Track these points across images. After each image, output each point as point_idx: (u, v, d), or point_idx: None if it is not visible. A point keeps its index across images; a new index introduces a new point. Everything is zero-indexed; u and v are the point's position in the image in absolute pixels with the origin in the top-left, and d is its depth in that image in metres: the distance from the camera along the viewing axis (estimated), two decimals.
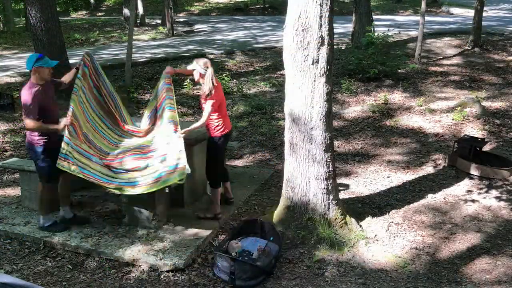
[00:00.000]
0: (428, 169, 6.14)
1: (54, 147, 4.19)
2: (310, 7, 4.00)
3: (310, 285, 3.80)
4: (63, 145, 4.10)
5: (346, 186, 5.66)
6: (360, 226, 4.58)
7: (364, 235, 4.44)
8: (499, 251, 4.31)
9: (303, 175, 4.39)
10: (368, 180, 5.88)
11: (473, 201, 5.25)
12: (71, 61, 9.33)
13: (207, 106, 4.36)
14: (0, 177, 6.04)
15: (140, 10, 18.97)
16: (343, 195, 5.23)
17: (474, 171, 5.79)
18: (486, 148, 6.54)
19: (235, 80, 10.08)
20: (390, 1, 25.16)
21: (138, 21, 18.62)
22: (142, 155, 4.40)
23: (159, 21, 19.70)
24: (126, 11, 18.28)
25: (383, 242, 4.40)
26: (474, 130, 7.33)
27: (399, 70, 10.31)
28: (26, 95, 4.15)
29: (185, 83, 9.66)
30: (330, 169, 4.40)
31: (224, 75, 9.87)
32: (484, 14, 13.18)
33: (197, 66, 4.43)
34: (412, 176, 5.93)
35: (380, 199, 5.30)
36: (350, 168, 6.31)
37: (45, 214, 4.49)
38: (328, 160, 4.35)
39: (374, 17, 13.45)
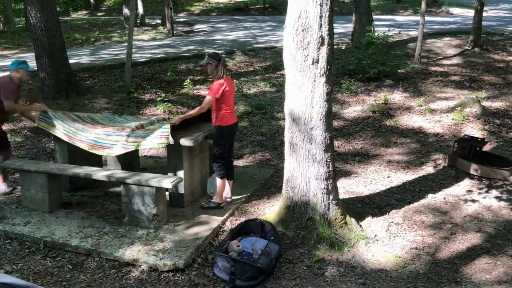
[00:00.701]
0: (428, 169, 6.14)
1: None
2: (310, 7, 4.01)
3: (310, 285, 3.80)
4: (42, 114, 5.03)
5: (346, 186, 5.66)
6: (360, 226, 4.57)
7: (364, 235, 4.44)
8: (499, 251, 4.31)
9: (303, 175, 4.39)
10: (368, 180, 5.88)
11: (473, 201, 5.25)
12: (71, 61, 9.34)
13: (207, 97, 4.69)
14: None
15: (140, 10, 18.98)
16: (343, 195, 5.23)
17: (474, 171, 5.79)
18: (486, 148, 6.54)
19: (235, 80, 10.08)
20: (390, 1, 25.19)
21: (138, 21, 18.63)
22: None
23: (159, 21, 19.72)
24: (126, 11, 18.28)
25: (383, 242, 4.40)
26: (474, 130, 7.33)
27: (399, 70, 10.32)
28: (6, 83, 4.97)
29: (185, 83, 9.66)
30: (330, 169, 4.40)
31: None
32: (484, 14, 13.20)
33: (209, 59, 4.68)
34: (412, 176, 5.93)
35: (380, 199, 5.30)
36: (350, 168, 6.31)
37: None
38: (328, 160, 4.35)
39: (374, 17, 13.46)
